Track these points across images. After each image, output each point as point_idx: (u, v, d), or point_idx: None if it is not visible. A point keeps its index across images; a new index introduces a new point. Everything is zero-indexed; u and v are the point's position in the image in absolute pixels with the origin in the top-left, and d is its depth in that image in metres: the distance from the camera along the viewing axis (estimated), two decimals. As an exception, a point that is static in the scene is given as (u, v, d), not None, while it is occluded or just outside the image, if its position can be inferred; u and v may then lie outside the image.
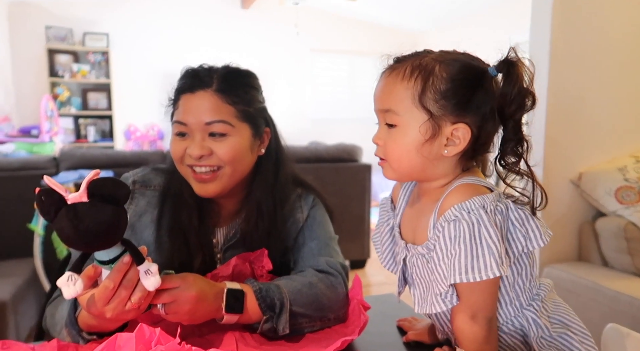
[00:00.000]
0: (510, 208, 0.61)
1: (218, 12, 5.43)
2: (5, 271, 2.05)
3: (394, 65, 0.65)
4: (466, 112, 0.61)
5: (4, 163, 2.37)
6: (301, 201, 0.94)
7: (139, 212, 0.86)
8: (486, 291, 0.62)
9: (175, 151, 0.83)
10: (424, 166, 0.64)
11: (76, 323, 0.70)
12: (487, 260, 0.57)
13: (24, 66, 4.74)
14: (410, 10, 5.55)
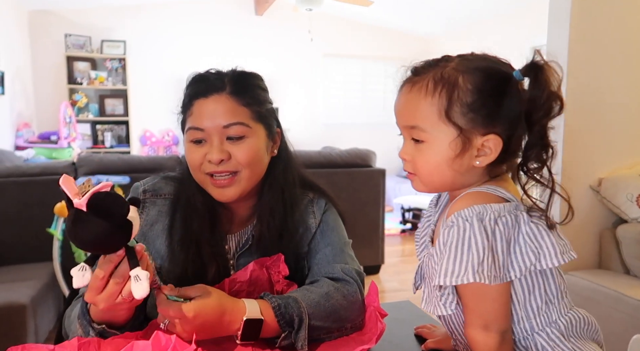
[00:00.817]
0: (523, 220, 0.59)
1: (232, 19, 5.49)
2: (25, 275, 2.08)
3: (414, 78, 0.64)
4: (496, 122, 0.60)
5: (24, 168, 2.42)
6: (313, 206, 0.93)
7: (150, 221, 0.85)
8: (497, 301, 0.60)
9: (194, 159, 0.81)
10: (455, 179, 0.63)
11: (87, 314, 0.71)
12: (464, 264, 0.57)
13: (44, 73, 4.85)
14: (422, 16, 5.54)
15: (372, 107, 6.26)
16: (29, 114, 4.67)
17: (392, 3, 5.09)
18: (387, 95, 6.30)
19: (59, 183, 0.59)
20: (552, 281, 0.63)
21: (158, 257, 0.84)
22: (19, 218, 2.31)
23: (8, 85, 3.99)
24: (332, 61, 5.99)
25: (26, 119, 4.53)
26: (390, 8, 5.29)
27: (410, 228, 4.57)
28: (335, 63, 6.01)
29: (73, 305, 0.81)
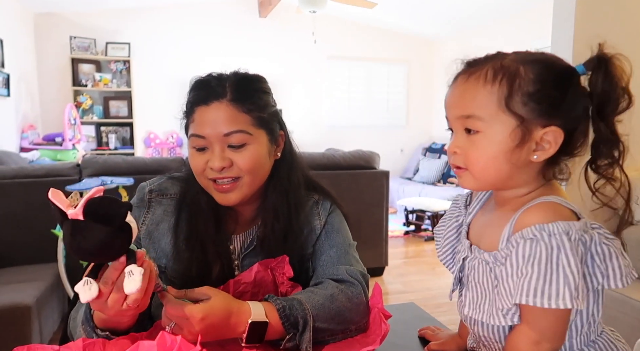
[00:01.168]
0: (594, 241, 0.56)
1: (236, 21, 5.51)
2: (29, 276, 2.09)
3: (470, 69, 0.61)
4: (558, 114, 0.57)
5: (29, 170, 2.43)
6: (318, 208, 0.93)
7: (156, 221, 0.86)
8: (559, 320, 0.57)
9: (197, 165, 0.82)
10: (511, 173, 0.60)
11: (91, 320, 0.71)
12: (561, 288, 0.53)
13: (49, 75, 4.88)
14: (426, 17, 5.54)
15: (376, 108, 6.26)
16: (34, 116, 4.70)
17: (395, 5, 5.09)
18: (391, 96, 6.31)
19: (49, 197, 0.58)
20: (600, 302, 0.61)
21: (163, 256, 0.84)
22: (24, 220, 2.33)
23: (14, 87, 4.02)
24: (335, 63, 6.00)
25: (31, 121, 4.55)
26: (394, 10, 5.29)
27: (414, 230, 4.56)
28: (339, 65, 6.02)
29: (78, 307, 0.81)
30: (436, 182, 5.54)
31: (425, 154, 6.03)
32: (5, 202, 2.31)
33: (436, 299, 2.84)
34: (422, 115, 6.42)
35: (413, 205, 4.50)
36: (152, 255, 0.84)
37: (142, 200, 0.88)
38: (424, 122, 6.44)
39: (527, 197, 0.61)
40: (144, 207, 0.87)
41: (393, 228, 4.45)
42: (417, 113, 6.41)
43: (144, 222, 0.86)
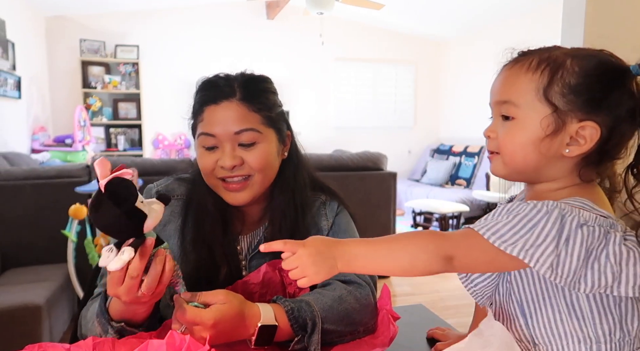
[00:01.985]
0: (614, 240, 0.52)
1: (244, 23, 5.53)
2: (39, 276, 2.12)
3: (519, 58, 0.61)
4: (598, 111, 0.55)
5: (40, 171, 2.46)
6: (326, 208, 0.93)
7: (163, 221, 0.83)
8: (489, 265, 0.56)
9: (206, 165, 0.82)
10: (539, 164, 0.59)
11: (106, 312, 0.72)
12: (517, 237, 0.52)
13: (60, 78, 4.94)
14: (433, 19, 5.52)
15: (383, 110, 6.25)
16: (45, 118, 4.75)
17: (402, 6, 5.08)
18: (399, 98, 6.29)
19: (94, 163, 0.61)
20: (636, 311, 0.58)
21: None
22: (35, 220, 2.35)
23: (25, 90, 4.07)
24: (343, 64, 6.00)
25: (42, 123, 4.61)
26: (401, 11, 5.28)
27: (421, 232, 4.54)
28: (346, 66, 6.02)
29: (88, 306, 0.82)
30: (444, 183, 5.51)
31: (433, 156, 6.00)
32: (17, 202, 2.34)
33: (444, 301, 2.82)
34: (430, 117, 6.40)
35: (421, 207, 4.49)
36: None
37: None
38: (431, 124, 6.42)
39: (557, 193, 0.59)
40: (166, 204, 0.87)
41: (401, 230, 4.44)
42: (424, 114, 6.39)
43: None
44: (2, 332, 1.73)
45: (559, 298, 0.58)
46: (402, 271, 0.57)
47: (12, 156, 3.10)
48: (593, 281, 0.52)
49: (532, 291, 0.60)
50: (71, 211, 2.09)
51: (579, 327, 0.58)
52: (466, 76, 5.77)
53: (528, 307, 0.61)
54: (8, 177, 2.36)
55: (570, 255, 0.51)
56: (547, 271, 0.51)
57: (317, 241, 0.59)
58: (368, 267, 0.58)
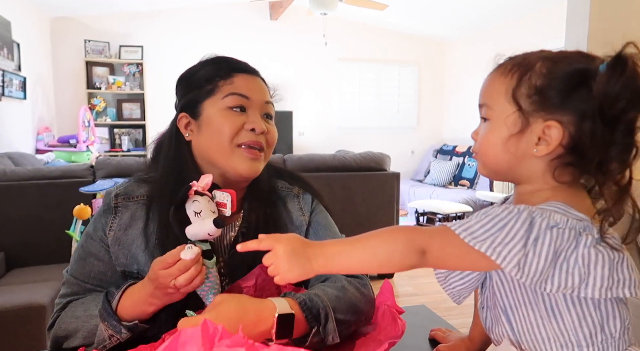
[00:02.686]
0: (584, 243, 0.53)
1: (247, 24, 5.55)
2: (44, 276, 2.13)
3: (501, 63, 0.63)
4: (561, 110, 0.57)
5: (45, 171, 2.47)
6: (300, 202, 0.92)
7: (123, 226, 0.82)
8: (461, 257, 0.56)
9: (233, 125, 0.80)
10: (510, 163, 0.61)
11: (114, 314, 0.73)
12: (487, 235, 0.53)
13: (64, 78, 4.96)
14: (437, 19, 5.51)
15: (386, 110, 6.25)
16: (50, 118, 4.78)
17: (406, 7, 5.08)
18: (401, 98, 6.29)
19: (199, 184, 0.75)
20: (619, 313, 0.58)
21: (134, 262, 0.81)
22: (39, 220, 2.37)
23: (30, 90, 4.09)
24: (346, 65, 6.00)
25: (47, 123, 4.63)
26: (405, 12, 5.28)
27: (424, 232, 4.54)
28: (349, 67, 6.02)
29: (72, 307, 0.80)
30: (447, 184, 5.51)
31: (437, 156, 5.99)
32: (21, 203, 2.35)
33: (447, 302, 2.82)
34: (433, 117, 6.39)
35: (424, 207, 4.48)
36: (122, 260, 0.81)
37: (108, 205, 0.84)
38: (434, 124, 6.41)
39: (536, 194, 0.60)
40: (111, 213, 0.83)
41: (404, 231, 4.43)
42: (427, 115, 6.38)
43: (111, 228, 0.82)
44: (7, 332, 1.74)
45: (539, 303, 0.58)
46: (379, 266, 0.58)
47: (17, 156, 3.12)
48: (560, 282, 0.53)
49: (514, 297, 0.61)
50: (75, 211, 2.10)
51: (560, 332, 0.58)
52: (469, 76, 5.75)
53: (512, 313, 0.61)
54: (13, 177, 2.38)
55: (537, 255, 0.52)
56: (514, 269, 0.52)
57: (293, 239, 0.60)
58: (345, 265, 0.58)
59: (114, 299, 0.74)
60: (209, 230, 0.70)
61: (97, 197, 2.25)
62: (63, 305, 0.82)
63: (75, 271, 0.83)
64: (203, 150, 0.84)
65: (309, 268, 0.58)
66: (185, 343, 0.51)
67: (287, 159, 2.92)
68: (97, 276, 0.82)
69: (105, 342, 0.74)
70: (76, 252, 0.85)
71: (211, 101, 0.83)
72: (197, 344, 0.50)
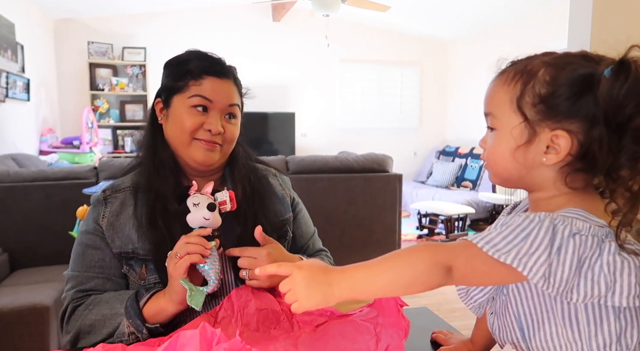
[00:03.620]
0: (608, 250, 0.52)
1: (250, 25, 5.56)
2: (48, 277, 2.13)
3: (505, 68, 0.63)
4: (568, 119, 0.56)
5: (48, 172, 2.48)
6: (279, 179, 1.06)
7: (115, 212, 0.90)
8: (488, 273, 0.54)
9: (193, 123, 0.88)
10: (520, 173, 0.60)
11: (140, 313, 0.79)
12: (510, 246, 0.52)
13: (68, 80, 4.99)
14: (439, 20, 5.51)
15: (389, 111, 6.25)
16: (53, 120, 4.80)
17: (408, 8, 5.08)
18: (404, 99, 6.28)
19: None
20: (635, 323, 0.56)
21: (129, 242, 0.87)
22: (43, 221, 2.37)
23: (33, 92, 4.11)
24: (348, 66, 6.00)
25: (50, 125, 4.65)
26: (407, 13, 5.28)
27: (427, 233, 4.53)
28: (351, 68, 6.02)
29: (96, 306, 0.83)
30: (450, 185, 5.50)
31: (439, 157, 5.98)
32: (25, 204, 2.36)
33: (450, 304, 2.81)
34: (436, 118, 6.39)
35: (426, 209, 4.48)
36: (117, 243, 0.88)
37: (97, 200, 0.92)
38: (437, 125, 6.40)
39: (550, 201, 0.59)
40: (101, 205, 0.91)
41: (406, 232, 4.43)
42: (430, 116, 6.37)
43: (104, 217, 0.89)
44: (11, 332, 1.75)
45: (556, 311, 0.57)
46: (405, 288, 0.56)
47: (20, 157, 3.13)
48: (586, 291, 0.51)
49: (530, 305, 0.60)
50: (79, 212, 2.11)
51: (574, 340, 0.57)
52: (472, 77, 5.75)
53: (525, 320, 0.60)
54: (17, 178, 2.39)
55: (562, 263, 0.51)
56: (540, 280, 0.51)
57: (313, 266, 0.58)
58: (372, 290, 0.56)
59: (143, 299, 0.80)
60: (204, 214, 0.80)
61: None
62: (75, 297, 0.86)
63: (76, 267, 0.89)
64: (169, 137, 0.93)
65: (330, 294, 0.55)
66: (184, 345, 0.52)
67: (290, 161, 2.92)
68: (97, 263, 0.88)
69: (123, 337, 0.79)
70: (74, 250, 0.91)
71: (180, 97, 0.90)
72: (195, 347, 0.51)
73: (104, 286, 0.87)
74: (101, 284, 0.87)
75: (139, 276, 0.87)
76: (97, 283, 0.87)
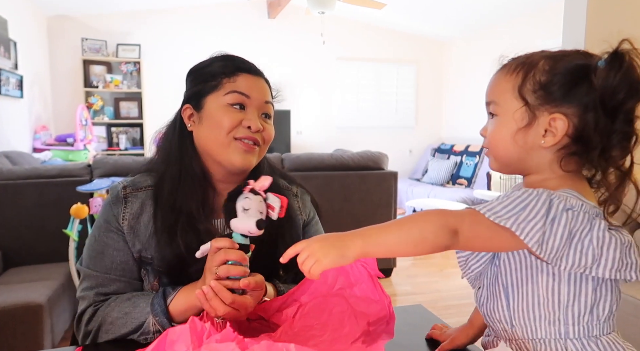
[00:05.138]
0: (598, 226, 0.57)
1: (245, 23, 5.54)
2: (41, 275, 2.12)
3: (506, 63, 0.67)
4: (565, 103, 0.61)
5: (42, 170, 2.46)
6: (298, 201, 0.98)
7: (135, 214, 0.86)
8: (489, 237, 0.58)
9: (232, 120, 0.84)
10: (520, 155, 0.65)
11: (167, 311, 0.78)
12: (510, 213, 0.56)
13: (61, 77, 4.95)
14: (435, 18, 5.51)
15: (385, 109, 6.25)
16: (47, 117, 4.76)
17: (404, 6, 5.08)
18: (400, 97, 6.29)
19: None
20: (610, 297, 0.62)
21: (149, 247, 0.85)
22: (36, 219, 2.36)
23: (27, 89, 4.08)
24: (344, 64, 5.99)
25: (44, 122, 4.62)
26: (403, 11, 5.28)
27: (422, 231, 4.54)
28: (348, 66, 6.01)
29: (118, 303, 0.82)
30: (445, 183, 5.51)
31: (434, 155, 5.99)
32: (18, 201, 2.35)
33: (445, 301, 2.82)
34: (431, 116, 6.40)
35: (422, 206, 4.48)
36: (138, 247, 0.85)
37: (117, 197, 0.87)
38: (433, 123, 6.41)
39: (545, 183, 0.64)
40: (121, 204, 0.87)
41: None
42: (426, 114, 6.38)
43: (124, 218, 0.86)
44: (4, 331, 1.74)
45: (541, 282, 0.62)
46: (414, 246, 0.59)
47: (14, 155, 3.11)
48: (574, 260, 0.57)
49: (517, 276, 0.64)
50: (72, 210, 2.10)
51: (552, 310, 0.62)
52: (468, 76, 5.76)
53: (512, 290, 0.65)
54: (10, 176, 2.37)
55: (554, 233, 0.56)
56: (535, 245, 0.56)
57: (325, 234, 0.62)
58: (383, 246, 0.59)
59: (170, 297, 0.79)
60: (250, 228, 0.72)
61: (95, 196, 2.24)
62: (97, 300, 0.84)
63: (95, 265, 0.85)
64: (202, 141, 0.87)
65: (345, 251, 0.58)
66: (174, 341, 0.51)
67: (285, 158, 2.92)
68: (119, 266, 0.85)
69: (148, 335, 0.78)
70: (91, 246, 0.87)
71: (214, 96, 0.86)
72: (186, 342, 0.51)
73: (125, 290, 0.85)
74: (123, 288, 0.85)
75: (151, 286, 0.86)
76: (119, 286, 0.85)
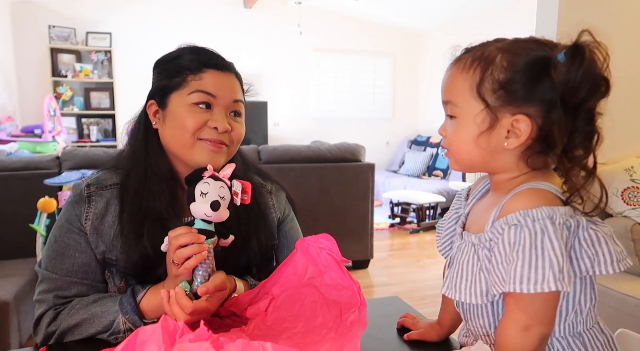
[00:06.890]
0: (582, 226, 0.56)
1: (221, 12, 5.43)
2: (7, 272, 2.04)
3: (461, 56, 0.64)
4: (527, 103, 0.57)
5: (7, 163, 2.36)
6: (272, 198, 0.95)
7: (99, 214, 0.82)
8: (547, 304, 0.57)
9: (196, 121, 0.79)
10: (484, 158, 0.62)
11: (138, 309, 0.76)
12: (546, 272, 0.53)
13: (27, 65, 4.75)
14: (413, 10, 5.53)
15: (362, 101, 6.26)
16: (12, 107, 4.57)
17: (381, -3, 5.07)
18: (377, 89, 6.30)
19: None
20: (589, 291, 0.61)
21: (113, 248, 0.81)
22: (2, 214, 2.27)
23: (-10, 77, 3.90)
24: (321, 55, 5.96)
25: (9, 112, 4.43)
26: (380, 2, 5.28)
27: (399, 222, 4.59)
28: (325, 57, 5.98)
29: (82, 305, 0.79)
30: (421, 174, 5.57)
31: (411, 147, 6.05)
32: (-18, 195, 2.25)
33: (421, 291, 2.86)
34: (408, 108, 6.44)
35: (398, 198, 4.53)
36: (102, 248, 0.81)
37: (80, 196, 0.83)
38: (409, 115, 6.46)
39: (515, 180, 0.62)
40: (84, 203, 0.82)
41: (378, 221, 4.47)
42: (403, 106, 6.43)
43: (87, 218, 0.81)
44: (-33, 330, 1.67)
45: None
46: None
47: (-24, 147, 2.97)
48: (574, 269, 0.56)
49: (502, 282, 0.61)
50: (40, 204, 2.02)
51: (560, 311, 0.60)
52: (444, 68, 5.79)
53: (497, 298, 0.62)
54: (-28, 168, 2.27)
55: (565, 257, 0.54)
56: (569, 286, 0.54)
57: None
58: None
59: (140, 294, 0.77)
60: (206, 210, 0.71)
61: (63, 189, 2.16)
62: (57, 303, 0.80)
63: (55, 268, 0.81)
64: (166, 141, 0.83)
65: None
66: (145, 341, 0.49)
67: (262, 150, 2.88)
68: (81, 268, 0.82)
69: (118, 334, 0.76)
70: (50, 247, 0.83)
71: (178, 94, 0.81)
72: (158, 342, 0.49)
73: (87, 293, 0.82)
74: (84, 291, 0.81)
75: (117, 289, 0.83)
76: (81, 290, 0.81)
